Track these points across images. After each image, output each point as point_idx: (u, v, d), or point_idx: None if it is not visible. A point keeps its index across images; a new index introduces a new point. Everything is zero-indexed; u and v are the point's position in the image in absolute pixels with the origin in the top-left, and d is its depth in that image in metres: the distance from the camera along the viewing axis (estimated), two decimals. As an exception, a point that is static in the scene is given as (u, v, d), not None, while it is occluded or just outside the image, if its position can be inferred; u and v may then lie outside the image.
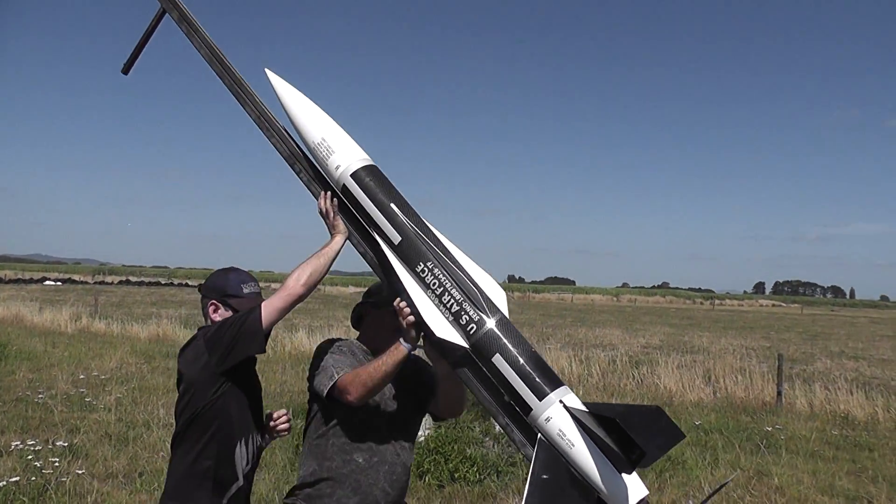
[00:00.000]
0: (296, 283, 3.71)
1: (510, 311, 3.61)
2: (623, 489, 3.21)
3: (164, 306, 41.58)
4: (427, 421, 10.29)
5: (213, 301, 4.01)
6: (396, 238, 3.68)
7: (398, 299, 3.71)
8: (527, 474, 3.35)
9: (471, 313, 3.50)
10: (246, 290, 4.03)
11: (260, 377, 4.26)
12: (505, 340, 3.46)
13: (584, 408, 3.34)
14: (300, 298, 3.76)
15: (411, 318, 3.65)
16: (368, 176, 3.80)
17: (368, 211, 3.75)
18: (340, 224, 3.88)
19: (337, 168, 3.83)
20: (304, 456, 4.22)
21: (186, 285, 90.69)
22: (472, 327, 3.49)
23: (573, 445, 3.25)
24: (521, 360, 3.41)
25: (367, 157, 3.88)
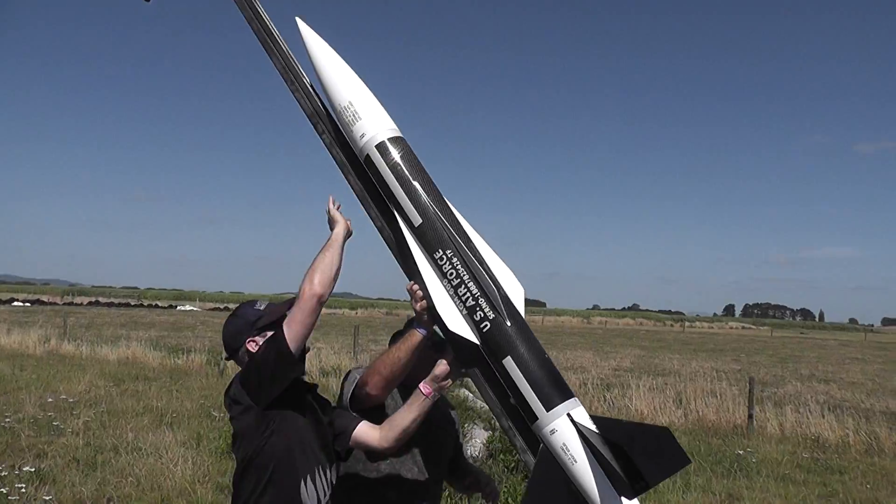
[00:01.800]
0: (309, 286, 3.37)
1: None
2: None
3: (134, 328, 41.25)
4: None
5: (249, 339, 3.61)
6: (417, 220, 3.47)
7: (412, 282, 3.54)
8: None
9: (486, 310, 3.33)
10: (262, 307, 3.72)
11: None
12: (518, 343, 3.31)
13: (592, 425, 3.23)
14: (319, 300, 3.40)
15: (424, 303, 3.50)
16: (395, 148, 3.57)
17: (391, 186, 3.53)
18: (338, 214, 3.60)
19: (362, 136, 3.60)
20: None
21: (156, 306, 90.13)
22: (486, 325, 3.33)
23: (575, 462, 3.16)
24: (533, 366, 3.27)
25: (395, 127, 3.64)
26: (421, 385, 3.58)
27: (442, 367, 3.52)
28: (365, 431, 3.67)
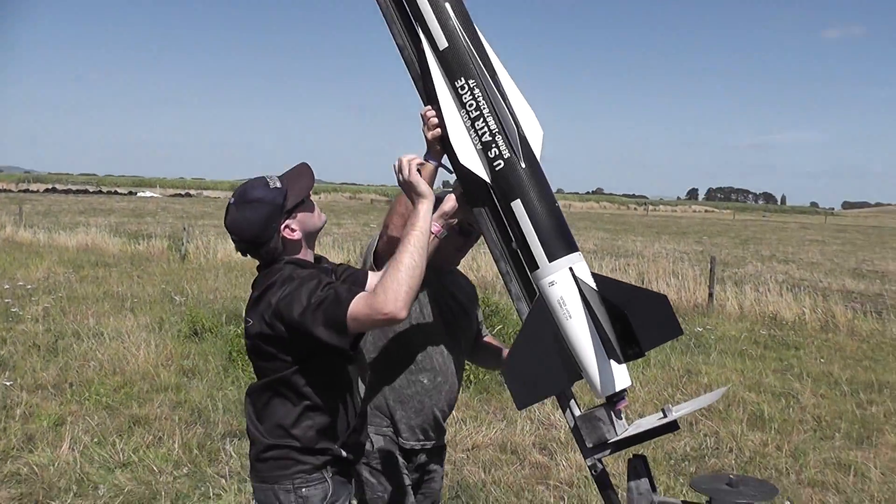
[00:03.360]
0: (383, 297, 2.85)
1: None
2: (609, 376, 3.06)
3: (93, 215, 40.89)
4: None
5: (283, 224, 3.14)
6: (443, 43, 3.22)
7: (427, 107, 3.31)
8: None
9: (502, 148, 3.14)
10: (279, 184, 3.16)
11: (194, 285, 3.83)
12: (530, 187, 3.13)
13: (593, 283, 3.10)
14: (390, 320, 2.90)
15: (437, 131, 3.28)
16: None
17: (419, 3, 3.25)
18: (421, 182, 3.16)
19: None
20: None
21: (116, 193, 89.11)
22: (500, 164, 3.14)
23: (570, 318, 3.05)
24: (542, 213, 3.11)
25: None
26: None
27: (450, 202, 3.38)
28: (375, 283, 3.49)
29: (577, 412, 3.16)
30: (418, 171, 3.17)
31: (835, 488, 6.80)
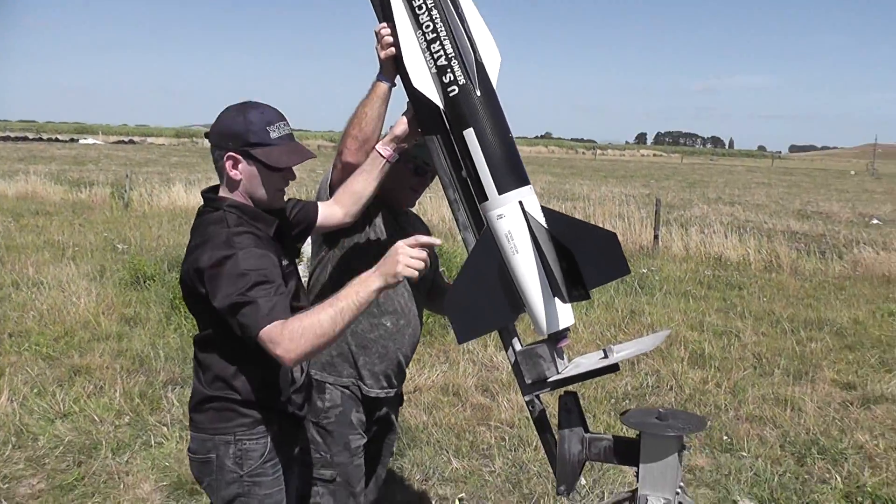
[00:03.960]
0: (289, 350, 2.67)
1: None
2: (552, 313, 3.03)
3: (33, 162, 40.05)
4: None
5: (232, 153, 2.92)
6: None
7: (383, 24, 3.21)
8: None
9: (457, 73, 3.05)
10: (274, 135, 2.94)
11: (137, 233, 3.62)
12: (483, 116, 3.05)
13: (542, 219, 3.06)
14: (286, 361, 2.71)
15: (391, 50, 3.19)
16: None
17: None
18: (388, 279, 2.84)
19: None
20: None
21: (56, 140, 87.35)
22: (454, 90, 3.05)
23: (517, 253, 3.01)
24: (494, 144, 3.04)
25: None
26: (379, 146, 3.34)
27: (402, 126, 3.30)
28: (328, 214, 3.39)
29: (519, 347, 3.14)
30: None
31: (772, 423, 6.92)
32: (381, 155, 3.32)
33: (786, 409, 7.21)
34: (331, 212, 3.39)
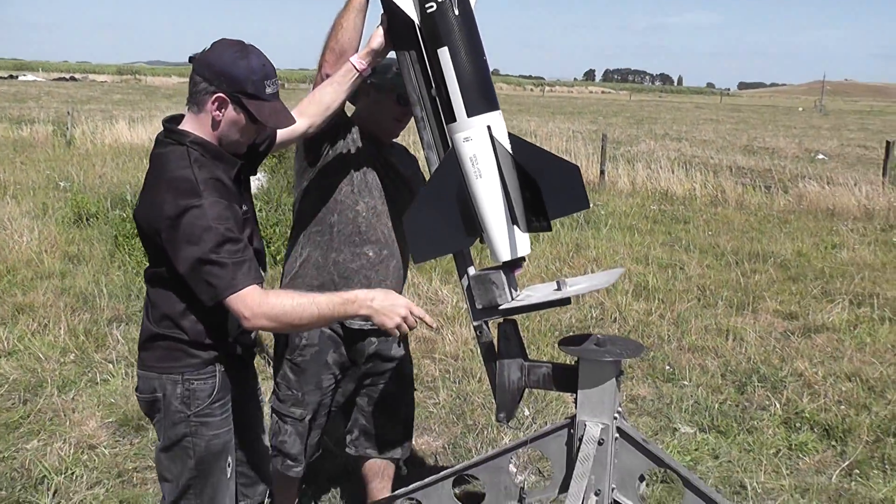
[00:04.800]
0: (260, 318, 2.73)
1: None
2: (510, 241, 3.02)
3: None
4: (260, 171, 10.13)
5: (221, 94, 2.81)
6: None
7: None
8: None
9: None
10: (269, 90, 2.85)
11: (80, 171, 3.45)
12: (459, 36, 2.98)
13: (508, 145, 3.02)
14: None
15: None
16: None
17: None
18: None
19: None
20: (295, 244, 3.76)
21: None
22: (432, 6, 2.97)
23: (480, 177, 2.98)
24: (467, 65, 2.97)
25: None
26: (354, 59, 3.24)
27: (378, 39, 3.20)
28: (290, 128, 3.20)
29: (473, 272, 3.13)
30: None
31: (714, 353, 7.03)
32: (355, 67, 3.23)
33: (728, 339, 7.33)
34: (297, 125, 3.23)
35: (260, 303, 2.69)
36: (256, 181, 10.14)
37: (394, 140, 3.89)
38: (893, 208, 14.41)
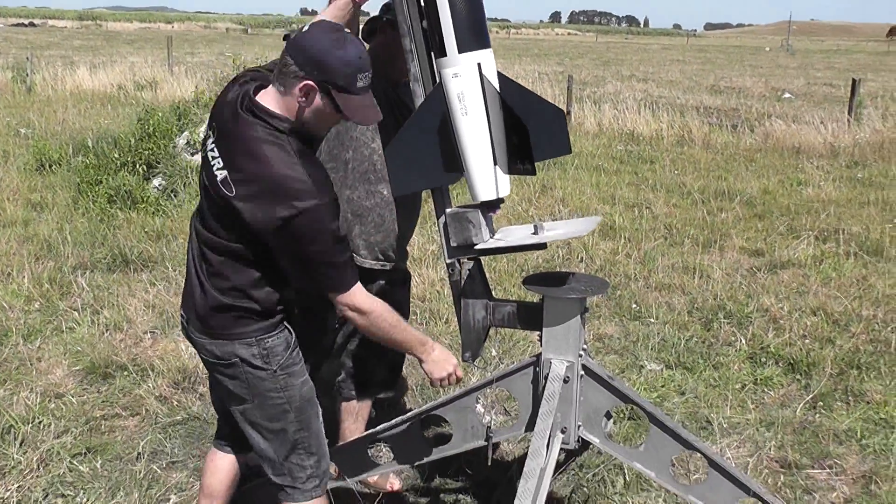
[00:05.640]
0: (367, 315, 2.90)
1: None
2: (491, 181, 3.00)
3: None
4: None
5: (311, 82, 2.69)
6: None
7: None
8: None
9: None
10: (360, 84, 2.73)
11: (41, 117, 3.25)
12: None
13: (497, 85, 2.96)
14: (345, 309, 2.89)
15: None
16: None
17: None
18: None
19: None
20: None
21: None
22: None
23: (466, 114, 2.94)
24: (462, 2, 2.89)
25: None
26: None
27: None
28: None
29: (450, 209, 3.11)
30: None
31: (681, 290, 7.06)
32: None
33: (694, 276, 7.36)
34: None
35: (378, 312, 2.90)
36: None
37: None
38: (858, 145, 14.52)
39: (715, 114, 19.01)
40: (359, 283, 2.84)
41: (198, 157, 9.72)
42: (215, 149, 2.81)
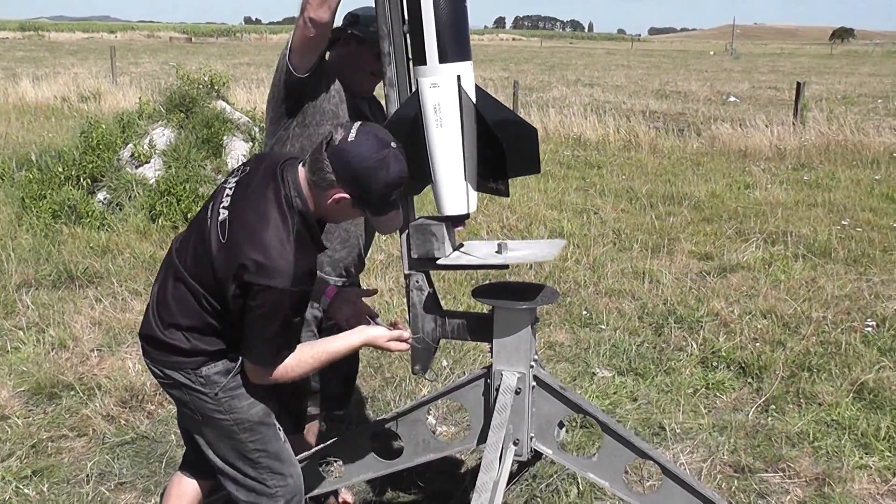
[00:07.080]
0: (282, 374, 2.85)
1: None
2: (459, 196, 2.97)
3: None
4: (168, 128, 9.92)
5: (347, 196, 2.68)
6: None
7: None
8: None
9: None
10: (393, 198, 2.72)
11: None
12: None
13: (474, 97, 2.91)
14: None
15: None
16: None
17: None
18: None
19: None
20: None
21: None
22: None
23: (440, 126, 2.88)
24: (447, 9, 2.81)
25: None
26: None
27: None
28: None
29: (414, 220, 3.08)
30: None
31: (631, 296, 7.08)
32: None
33: (644, 281, 7.38)
34: None
35: (283, 370, 2.83)
36: (163, 137, 9.91)
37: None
38: (804, 148, 14.71)
39: (661, 118, 19.21)
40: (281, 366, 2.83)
41: (142, 169, 9.62)
42: (235, 187, 2.82)
